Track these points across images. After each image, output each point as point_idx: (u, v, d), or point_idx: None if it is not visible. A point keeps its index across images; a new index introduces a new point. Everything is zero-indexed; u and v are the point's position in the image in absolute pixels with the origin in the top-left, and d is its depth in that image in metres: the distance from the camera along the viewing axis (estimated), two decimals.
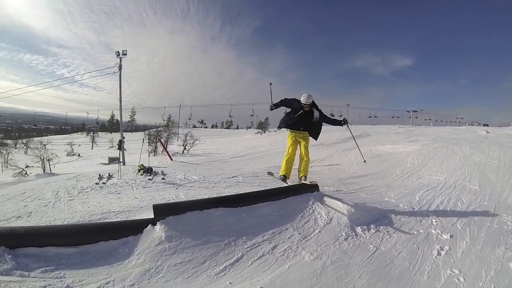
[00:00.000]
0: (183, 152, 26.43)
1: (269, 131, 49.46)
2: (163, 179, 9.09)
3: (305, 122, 6.54)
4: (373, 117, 64.96)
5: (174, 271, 3.70)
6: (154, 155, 25.67)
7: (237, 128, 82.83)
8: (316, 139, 6.74)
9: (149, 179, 9.03)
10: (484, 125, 59.26)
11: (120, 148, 15.34)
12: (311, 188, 6.05)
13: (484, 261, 4.09)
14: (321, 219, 5.13)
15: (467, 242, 4.60)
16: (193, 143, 28.15)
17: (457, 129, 35.74)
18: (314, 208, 5.46)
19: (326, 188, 7.60)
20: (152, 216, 4.48)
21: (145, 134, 30.15)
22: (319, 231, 4.80)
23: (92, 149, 51.02)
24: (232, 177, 9.43)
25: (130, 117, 72.09)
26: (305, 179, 6.21)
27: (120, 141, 15.60)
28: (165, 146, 24.89)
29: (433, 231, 4.96)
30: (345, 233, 4.75)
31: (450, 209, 6.22)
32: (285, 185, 6.43)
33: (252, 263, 3.97)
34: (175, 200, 6.34)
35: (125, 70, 21.68)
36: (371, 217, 5.35)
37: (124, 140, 17.61)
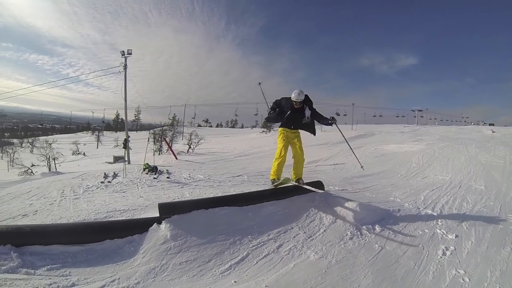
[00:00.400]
0: (188, 151, 26.40)
1: (274, 130, 49.34)
2: (168, 178, 9.11)
3: (296, 121, 6.05)
4: (378, 116, 64.69)
5: (179, 269, 3.71)
6: (159, 154, 25.67)
7: (242, 127, 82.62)
8: (315, 135, 6.45)
9: (154, 178, 9.06)
10: (490, 124, 58.91)
11: (125, 147, 15.32)
12: (316, 187, 6.03)
13: (490, 262, 4.07)
14: (326, 218, 5.13)
15: (472, 242, 4.57)
16: (198, 142, 28.11)
17: (463, 129, 35.62)
18: (319, 207, 5.45)
19: (331, 187, 7.58)
20: (158, 215, 4.51)
21: (150, 133, 30.17)
22: (324, 230, 4.80)
23: (97, 148, 51.10)
24: (237, 176, 9.44)
25: (135, 116, 72.32)
26: (303, 182, 5.95)
27: (125, 140, 15.63)
28: (170, 145, 24.89)
29: (438, 231, 4.93)
30: (350, 232, 4.75)
31: (456, 209, 6.19)
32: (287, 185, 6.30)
33: (257, 262, 3.98)
34: (181, 199, 6.35)
35: (130, 69, 21.78)
36: (376, 216, 5.34)
37: (129, 139, 17.69)
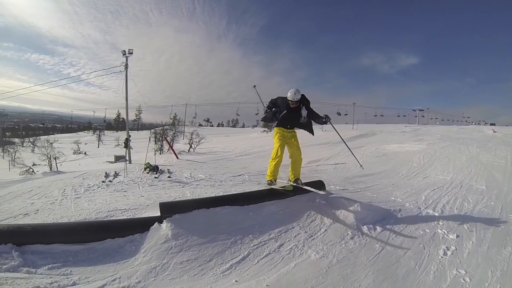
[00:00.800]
0: (189, 150, 26.37)
1: None
2: (169, 177, 9.14)
3: (292, 121, 5.93)
4: (379, 116, 64.66)
5: (180, 269, 3.72)
6: (160, 154, 25.64)
7: (243, 126, 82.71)
8: (313, 135, 6.36)
9: (155, 177, 9.08)
10: (491, 124, 58.86)
11: (126, 147, 15.39)
12: (317, 187, 6.03)
13: (491, 262, 4.06)
14: (327, 218, 5.13)
15: (473, 242, 4.56)
16: (199, 141, 28.11)
17: (464, 128, 35.59)
18: (320, 207, 5.45)
19: (332, 187, 7.58)
20: (159, 214, 4.51)
21: (151, 133, 30.17)
22: (325, 230, 4.80)
23: (98, 147, 51.21)
24: (238, 175, 9.45)
25: (136, 116, 72.34)
26: (301, 182, 5.95)
27: (127, 139, 15.68)
28: (171, 145, 24.87)
29: (439, 231, 4.93)
30: (351, 232, 4.74)
31: (457, 209, 6.17)
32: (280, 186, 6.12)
33: (258, 262, 3.98)
34: (182, 198, 6.36)
35: (131, 69, 21.68)
36: (377, 216, 5.33)
37: (130, 138, 17.68)
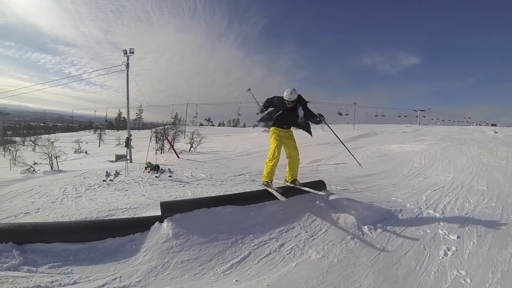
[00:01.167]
0: (190, 150, 26.37)
1: None
2: (170, 176, 9.15)
3: (288, 121, 5.83)
4: (380, 116, 64.70)
5: (181, 268, 3.72)
6: (161, 153, 25.63)
7: (244, 126, 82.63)
8: (312, 135, 6.24)
9: (156, 176, 9.09)
10: (492, 125, 58.76)
11: (127, 146, 15.41)
12: (318, 187, 6.01)
13: (491, 263, 4.05)
14: (328, 218, 5.12)
15: (474, 243, 4.56)
16: (200, 141, 28.12)
17: (465, 129, 35.49)
18: (321, 207, 5.44)
19: (333, 187, 7.57)
20: (159, 214, 4.51)
21: (152, 132, 30.22)
22: (326, 230, 4.79)
23: (99, 146, 51.21)
24: (239, 175, 9.47)
25: (137, 115, 72.40)
26: (299, 183, 5.87)
27: (128, 138, 15.70)
28: (172, 144, 24.87)
29: (440, 231, 4.92)
30: (352, 232, 4.74)
31: (457, 209, 6.16)
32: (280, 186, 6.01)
33: (259, 261, 3.98)
34: (182, 198, 6.36)
35: (132, 68, 21.75)
36: (378, 216, 5.33)
37: (131, 137, 17.70)
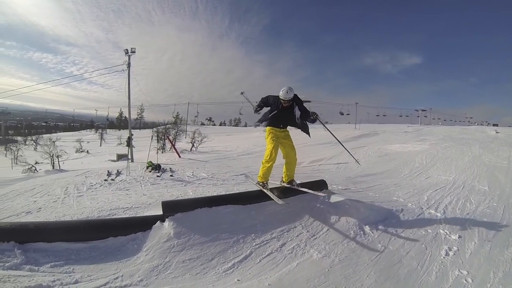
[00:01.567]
0: (191, 149, 26.39)
1: None
2: (171, 176, 9.16)
3: (285, 120, 5.74)
4: (382, 116, 64.79)
5: (183, 267, 3.73)
6: (162, 152, 25.71)
7: (246, 125, 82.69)
8: (310, 136, 6.06)
9: (157, 176, 9.10)
10: (494, 125, 58.70)
11: (129, 145, 15.40)
12: (320, 186, 6.01)
13: (493, 263, 4.04)
14: (330, 217, 5.11)
15: (475, 243, 4.55)
16: (201, 140, 28.16)
17: (466, 129, 35.46)
18: (322, 206, 5.43)
19: (334, 186, 7.56)
20: (161, 213, 4.52)
21: (153, 131, 30.29)
22: (328, 230, 4.79)
23: (100, 146, 51.35)
24: (241, 174, 9.46)
25: (138, 115, 72.54)
26: (296, 184, 5.77)
27: (129, 138, 15.72)
28: (173, 143, 24.89)
29: (441, 231, 4.91)
30: (353, 231, 4.73)
31: (459, 209, 6.15)
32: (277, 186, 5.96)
33: (260, 261, 3.98)
34: (184, 197, 6.36)
35: (133, 67, 21.78)
36: (379, 216, 5.33)
37: (132, 137, 17.72)
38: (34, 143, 44.04)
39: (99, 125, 70.99)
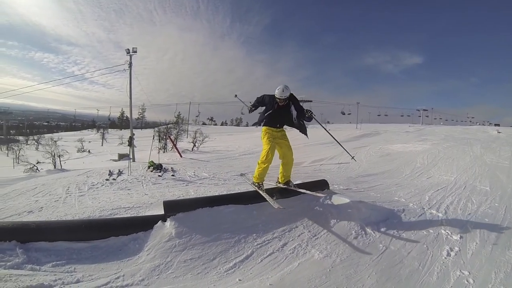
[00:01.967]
0: (192, 149, 26.44)
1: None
2: (173, 175, 9.16)
3: (281, 119, 5.62)
4: (383, 115, 64.75)
5: (184, 267, 3.73)
6: (164, 152, 25.73)
7: (247, 125, 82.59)
8: (308, 137, 5.98)
9: (159, 175, 9.11)
10: (495, 125, 58.56)
11: (130, 145, 15.43)
12: (321, 186, 6.00)
13: (494, 263, 4.03)
14: (331, 217, 5.10)
15: (477, 243, 4.54)
16: (203, 140, 28.20)
17: (468, 129, 35.35)
18: (324, 206, 5.43)
19: (336, 186, 7.56)
20: (162, 213, 4.53)
21: (154, 131, 30.36)
22: (329, 229, 4.78)
23: (102, 145, 51.43)
24: (246, 172, 9.45)
25: (139, 114, 72.57)
26: (292, 184, 5.73)
27: (130, 137, 15.73)
28: (175, 143, 24.90)
29: (442, 231, 4.90)
30: (354, 231, 4.73)
31: (460, 209, 6.14)
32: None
33: (261, 260, 3.98)
34: (185, 197, 6.37)
35: (135, 67, 21.77)
36: (380, 216, 5.32)
37: (134, 137, 17.74)
38: (36, 143, 44.06)
39: (100, 124, 71.00)
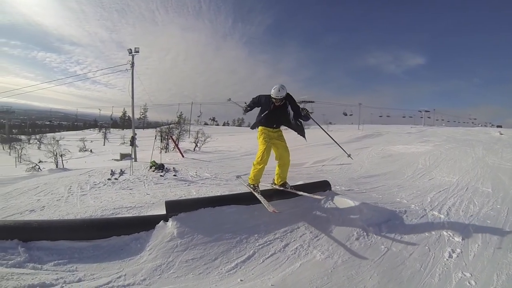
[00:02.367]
0: (194, 149, 26.53)
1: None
2: (175, 175, 9.18)
3: (278, 119, 5.48)
4: (385, 116, 64.73)
5: (186, 267, 3.73)
6: (166, 152, 25.79)
7: (249, 125, 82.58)
8: (306, 139, 5.91)
9: (161, 175, 9.13)
10: (498, 126, 58.39)
11: (132, 145, 15.47)
12: (323, 187, 5.99)
13: (496, 265, 4.02)
14: (333, 218, 5.10)
15: (479, 245, 4.52)
16: (205, 140, 28.25)
17: (470, 130, 35.25)
18: (326, 207, 5.44)
19: (337, 187, 7.55)
20: (164, 212, 4.52)
21: (156, 131, 30.38)
22: (331, 231, 4.77)
23: (104, 145, 51.54)
24: (244, 174, 9.43)
25: (141, 114, 72.74)
26: (289, 186, 5.61)
27: (132, 137, 15.74)
28: (177, 143, 24.93)
29: (444, 233, 4.89)
30: (356, 233, 4.72)
31: (462, 211, 6.12)
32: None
33: (263, 261, 3.98)
34: (187, 197, 6.37)
35: (137, 67, 21.85)
36: (382, 217, 5.31)
37: (136, 136, 17.76)
38: (38, 142, 44.13)
39: (102, 124, 71.20)
